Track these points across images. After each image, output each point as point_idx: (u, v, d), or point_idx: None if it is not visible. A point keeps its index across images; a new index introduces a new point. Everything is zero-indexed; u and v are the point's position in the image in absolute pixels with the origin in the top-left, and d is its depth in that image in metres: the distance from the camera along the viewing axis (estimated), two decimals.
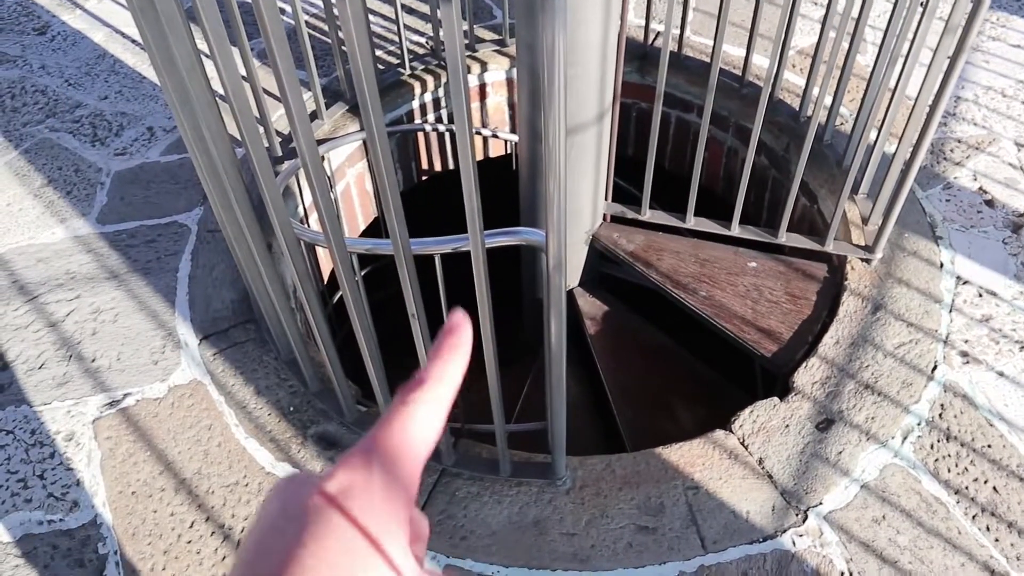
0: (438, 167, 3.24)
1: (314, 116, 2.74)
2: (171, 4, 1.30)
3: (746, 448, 1.86)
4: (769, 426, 1.90)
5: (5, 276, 2.36)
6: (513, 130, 3.20)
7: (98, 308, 2.24)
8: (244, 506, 1.78)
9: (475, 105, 3.13)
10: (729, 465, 1.83)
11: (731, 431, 1.91)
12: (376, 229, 3.17)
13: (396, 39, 3.00)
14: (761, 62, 3.03)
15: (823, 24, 2.37)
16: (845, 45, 2.39)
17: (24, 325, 2.21)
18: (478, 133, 3.05)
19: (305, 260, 1.55)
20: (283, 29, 1.17)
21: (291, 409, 1.94)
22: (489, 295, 1.35)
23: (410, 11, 3.47)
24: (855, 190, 2.46)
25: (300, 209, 2.63)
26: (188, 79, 1.39)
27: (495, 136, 3.04)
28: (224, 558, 1.71)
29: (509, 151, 3.26)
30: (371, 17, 3.33)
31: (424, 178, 3.23)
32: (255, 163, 1.38)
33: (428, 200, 3.28)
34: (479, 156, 3.26)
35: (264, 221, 1.69)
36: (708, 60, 2.99)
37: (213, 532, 1.75)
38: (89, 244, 2.45)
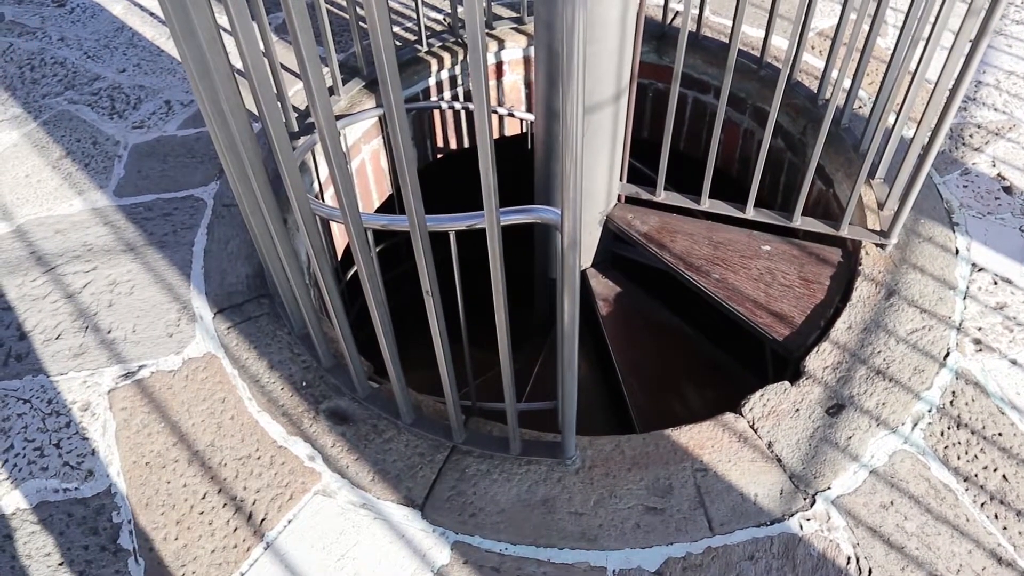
0: (453, 145, 3.23)
1: (331, 92, 2.74)
2: None
3: (755, 431, 1.87)
4: (779, 410, 1.91)
5: (23, 247, 2.38)
6: (529, 109, 3.19)
7: (114, 280, 2.26)
8: (256, 479, 1.80)
9: (491, 83, 3.12)
10: (738, 448, 1.84)
11: (741, 414, 1.91)
12: (390, 206, 3.17)
13: (414, 15, 2.99)
14: (780, 43, 3.01)
15: (843, 6, 2.35)
16: (865, 27, 2.36)
17: (42, 296, 2.23)
18: (494, 111, 3.04)
19: (321, 236, 1.56)
20: (304, 2, 1.17)
21: (304, 384, 1.95)
22: (503, 273, 1.35)
23: None
24: (871, 174, 2.44)
25: (315, 184, 2.64)
26: (208, 52, 1.39)
27: (511, 115, 3.03)
28: (236, 529, 1.73)
29: (525, 130, 3.25)
30: None
31: (439, 156, 3.22)
32: (273, 138, 1.38)
33: (442, 178, 3.28)
34: (494, 135, 3.25)
35: (280, 195, 1.70)
36: (727, 40, 2.97)
37: (225, 504, 1.77)
38: (106, 216, 2.46)
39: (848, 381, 1.97)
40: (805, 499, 1.76)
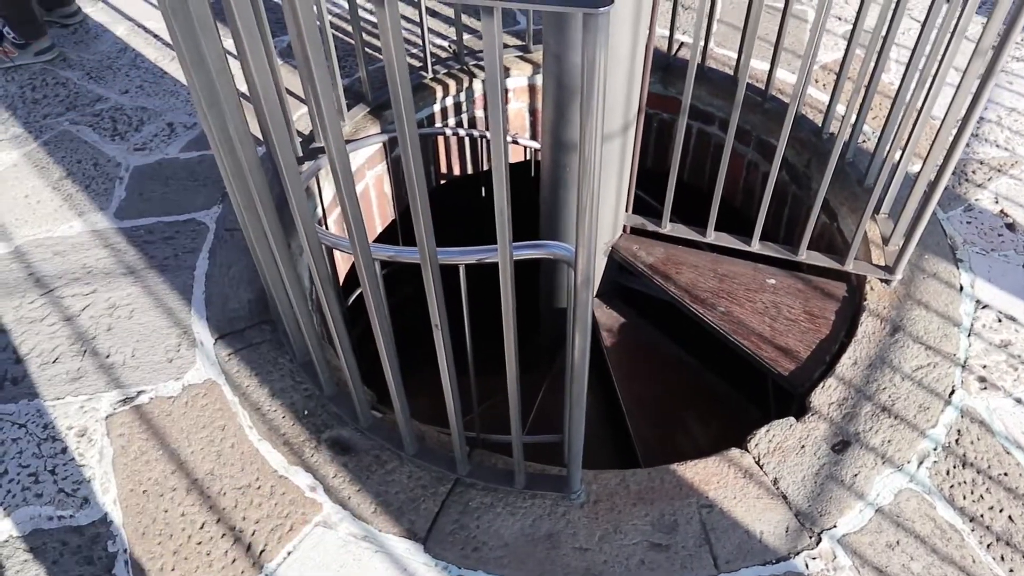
0: (456, 171, 3.23)
1: None
2: (203, 5, 1.29)
3: (761, 468, 1.85)
4: (785, 446, 1.89)
5: (22, 268, 2.36)
6: (533, 136, 3.19)
7: (114, 303, 2.24)
8: (256, 509, 1.77)
9: None
10: (744, 484, 1.82)
11: (747, 450, 1.89)
12: (392, 231, 3.16)
13: (419, 42, 2.99)
14: (783, 75, 3.02)
15: (849, 42, 2.36)
16: (870, 63, 2.37)
17: (39, 318, 2.21)
18: None
19: (327, 265, 1.55)
20: (317, 30, 1.17)
21: (305, 412, 1.93)
22: (515, 309, 1.34)
23: (434, 14, 3.47)
24: (876, 209, 2.44)
25: (319, 210, 2.63)
26: (217, 80, 1.38)
27: (515, 142, 3.03)
28: (234, 560, 1.70)
29: (528, 157, 3.25)
30: None
31: (442, 181, 3.22)
32: (283, 167, 1.37)
33: (444, 204, 3.27)
34: None
35: (284, 221, 1.68)
36: (731, 72, 2.98)
37: (224, 534, 1.74)
38: (107, 239, 2.44)
39: (854, 418, 1.95)
40: (811, 537, 1.74)
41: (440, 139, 3.08)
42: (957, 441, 1.93)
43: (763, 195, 2.22)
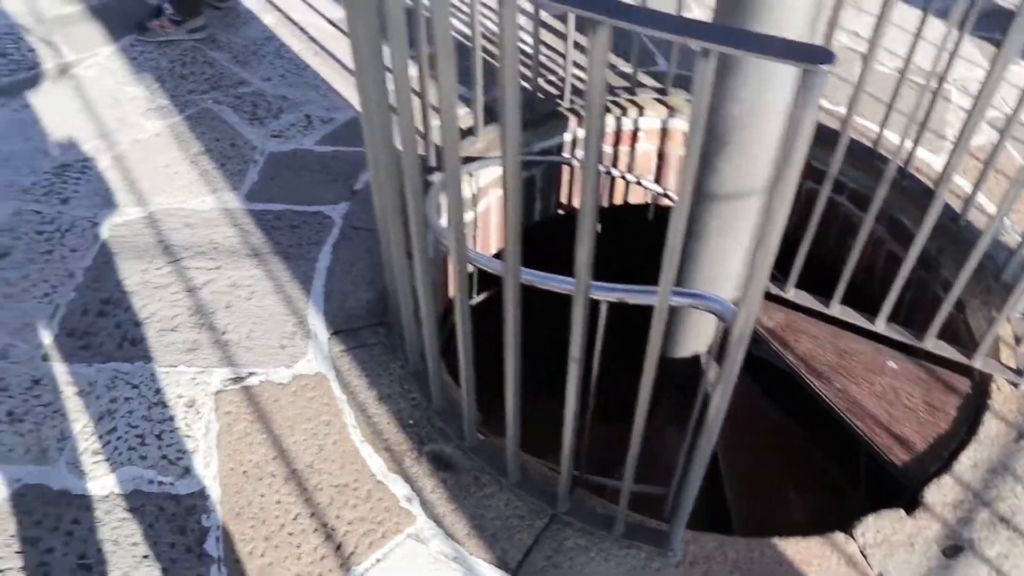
0: (576, 203, 3.23)
1: (470, 132, 2.76)
2: (397, 6, 1.32)
3: (866, 558, 1.78)
4: (893, 540, 1.81)
5: (152, 234, 2.43)
6: (657, 180, 3.17)
7: (235, 283, 2.29)
8: (351, 509, 1.78)
9: (624, 149, 3.12)
10: (846, 573, 1.75)
11: (852, 536, 1.82)
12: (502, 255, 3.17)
13: (561, 71, 3.01)
14: (920, 153, 2.93)
15: (1003, 133, 2.28)
16: (1015, 152, 2.28)
17: (163, 285, 2.27)
18: (622, 178, 3.03)
19: (467, 283, 1.55)
20: (452, 45, 1.17)
21: (410, 422, 1.93)
22: (658, 356, 1.31)
23: (576, 45, 3.48)
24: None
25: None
26: (395, 81, 1.40)
27: (639, 184, 3.01)
28: (323, 558, 1.70)
29: (649, 200, 3.23)
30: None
31: (560, 212, 3.22)
32: (449, 183, 1.38)
33: (558, 234, 3.27)
34: (618, 200, 3.23)
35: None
36: (869, 144, 2.91)
37: (316, 529, 1.75)
38: (235, 218, 2.51)
39: (969, 523, 1.87)
40: None
41: (565, 168, 3.08)
42: None
43: (892, 275, 2.15)
